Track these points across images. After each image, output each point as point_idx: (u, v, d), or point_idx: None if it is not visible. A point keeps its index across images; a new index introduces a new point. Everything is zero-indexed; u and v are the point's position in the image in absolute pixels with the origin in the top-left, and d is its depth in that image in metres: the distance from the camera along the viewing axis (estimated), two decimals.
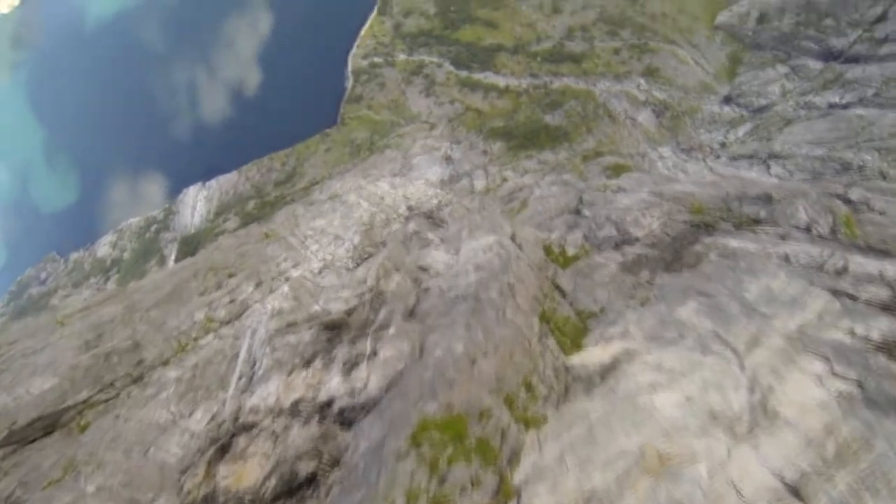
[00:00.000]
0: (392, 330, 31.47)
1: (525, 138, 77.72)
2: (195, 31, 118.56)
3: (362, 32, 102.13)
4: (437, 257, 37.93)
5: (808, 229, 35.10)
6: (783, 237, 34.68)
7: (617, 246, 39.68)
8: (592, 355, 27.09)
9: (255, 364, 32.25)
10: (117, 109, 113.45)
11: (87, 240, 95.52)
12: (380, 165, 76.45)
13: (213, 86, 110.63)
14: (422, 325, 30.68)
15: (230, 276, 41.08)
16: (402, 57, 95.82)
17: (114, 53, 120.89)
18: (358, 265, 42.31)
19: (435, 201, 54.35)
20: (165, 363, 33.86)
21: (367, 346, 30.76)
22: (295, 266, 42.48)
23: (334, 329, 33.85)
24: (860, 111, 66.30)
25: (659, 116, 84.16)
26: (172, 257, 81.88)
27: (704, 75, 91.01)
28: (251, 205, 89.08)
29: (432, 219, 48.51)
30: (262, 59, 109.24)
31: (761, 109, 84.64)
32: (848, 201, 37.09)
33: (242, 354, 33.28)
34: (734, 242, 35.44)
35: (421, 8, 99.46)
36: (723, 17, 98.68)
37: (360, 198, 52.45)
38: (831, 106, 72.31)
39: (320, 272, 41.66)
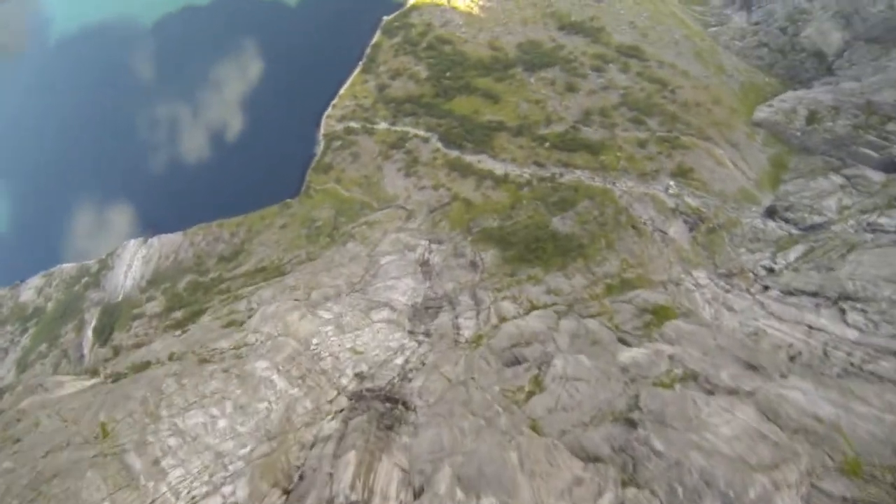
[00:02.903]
0: None
1: (527, 248, 60.20)
2: (175, 62, 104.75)
3: (342, 91, 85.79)
4: None
5: None
6: None
7: None
8: None
9: None
10: (75, 134, 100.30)
11: (14, 276, 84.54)
12: (335, 268, 58.01)
13: (178, 126, 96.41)
14: None
15: None
16: (382, 125, 79.44)
17: (87, 72, 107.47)
18: None
19: (399, 360, 35.76)
20: None
21: None
22: None
23: None
24: None
25: (692, 230, 67.68)
26: (91, 326, 70.17)
27: (745, 181, 74.93)
28: (185, 282, 73.73)
29: (393, 405, 29.47)
30: (233, 106, 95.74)
31: (814, 228, 69.05)
32: None
33: None
34: None
35: (411, 70, 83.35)
36: (763, 114, 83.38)
37: (278, 358, 33.37)
38: None
39: None
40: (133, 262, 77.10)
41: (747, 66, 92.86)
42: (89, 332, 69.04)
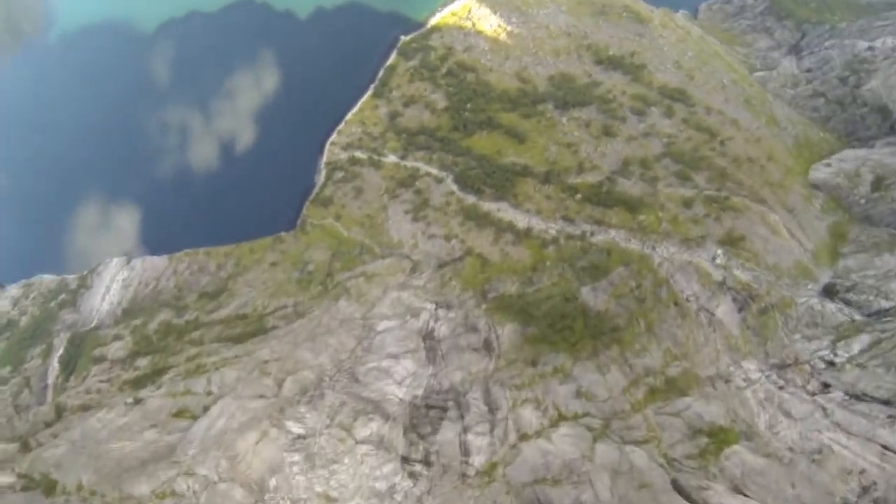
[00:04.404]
0: None
1: (551, 326, 50.67)
2: (174, 71, 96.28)
3: (349, 115, 76.97)
4: None
5: None
6: None
7: None
8: None
9: None
10: (72, 137, 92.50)
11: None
12: (321, 336, 48.00)
13: (172, 139, 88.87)
14: None
15: None
16: (391, 158, 70.49)
17: (85, 74, 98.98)
18: None
19: None
20: None
21: None
22: None
23: None
24: None
25: (742, 310, 58.52)
26: (58, 355, 65.35)
27: (801, 253, 65.62)
28: (158, 321, 66.56)
29: None
30: (232, 123, 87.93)
31: (881, 315, 60.21)
32: None
33: None
34: None
35: (427, 98, 74.14)
36: (822, 174, 73.66)
37: None
38: None
39: None
40: (112, 284, 72.97)
41: (801, 117, 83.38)
42: (55, 362, 64.78)
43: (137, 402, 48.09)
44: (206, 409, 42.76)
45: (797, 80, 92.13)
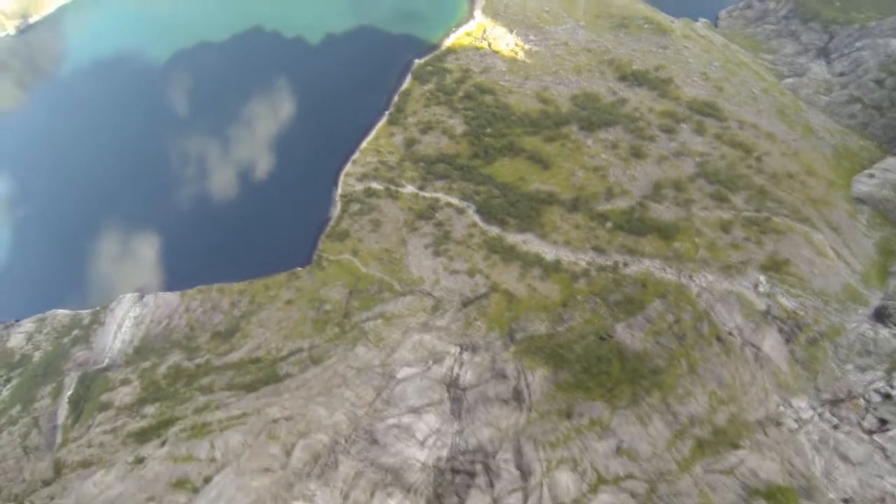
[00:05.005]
0: None
1: (585, 370, 47.08)
2: (184, 104, 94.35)
3: (364, 144, 74.30)
4: None
5: None
6: None
7: None
8: None
9: None
10: (84, 171, 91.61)
11: (14, 310, 78.34)
12: (337, 388, 44.74)
13: (182, 173, 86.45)
14: None
15: None
16: (409, 189, 67.58)
17: (110, 102, 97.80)
18: None
19: None
20: None
21: None
22: None
23: None
24: None
25: (789, 341, 54.36)
26: (67, 395, 64.16)
27: (849, 274, 61.10)
28: (168, 364, 64.11)
29: None
30: (243, 154, 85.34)
31: None
32: None
33: None
34: None
35: (445, 123, 71.12)
36: (866, 186, 69.14)
37: None
38: None
39: None
40: (124, 321, 71.27)
41: (837, 125, 78.80)
42: (65, 401, 63.42)
43: (139, 461, 45.29)
44: (206, 480, 39.88)
45: (830, 85, 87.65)
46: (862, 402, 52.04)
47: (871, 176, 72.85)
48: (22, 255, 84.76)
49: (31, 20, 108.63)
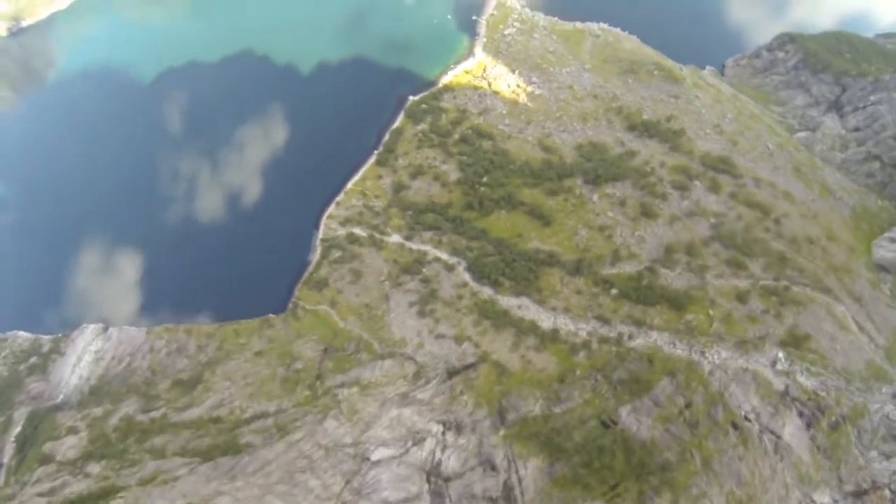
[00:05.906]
0: None
1: (586, 465, 41.08)
2: (167, 126, 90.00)
3: (349, 185, 69.02)
4: None
5: None
6: None
7: None
8: None
9: None
10: (76, 177, 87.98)
11: None
12: (300, 472, 37.97)
13: (157, 203, 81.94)
14: None
15: None
16: (395, 238, 62.44)
17: (99, 113, 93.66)
18: None
19: None
20: None
21: None
22: None
23: None
24: None
25: (810, 426, 48.48)
26: (15, 433, 61.22)
27: (872, 350, 55.51)
28: (121, 413, 60.20)
29: None
30: (222, 186, 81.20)
31: None
32: None
33: None
34: None
35: (437, 169, 65.91)
36: (889, 252, 64.43)
37: None
38: None
39: None
40: (84, 354, 67.73)
41: (854, 184, 74.09)
42: (12, 439, 60.39)
43: None
44: None
45: (846, 141, 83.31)
46: (887, 493, 48.47)
47: (893, 241, 68.11)
48: None
49: (24, 24, 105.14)
